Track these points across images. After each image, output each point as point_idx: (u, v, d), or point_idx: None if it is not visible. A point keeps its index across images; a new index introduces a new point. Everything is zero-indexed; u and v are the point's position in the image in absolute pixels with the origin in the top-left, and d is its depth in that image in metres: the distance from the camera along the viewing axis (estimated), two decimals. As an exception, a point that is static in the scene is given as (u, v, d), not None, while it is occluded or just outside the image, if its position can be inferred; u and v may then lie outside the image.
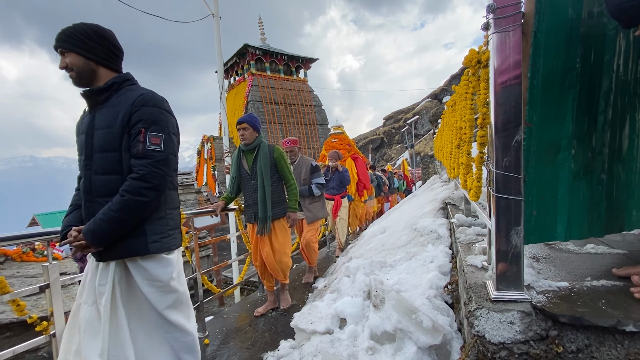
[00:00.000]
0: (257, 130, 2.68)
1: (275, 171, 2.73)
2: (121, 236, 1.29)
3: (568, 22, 1.09)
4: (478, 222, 2.14)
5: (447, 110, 3.56)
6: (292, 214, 2.80)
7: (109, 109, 1.32)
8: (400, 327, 1.44)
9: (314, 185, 3.52)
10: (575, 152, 1.18)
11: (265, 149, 2.67)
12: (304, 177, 3.55)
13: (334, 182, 4.98)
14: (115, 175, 1.30)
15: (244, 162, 2.73)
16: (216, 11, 5.25)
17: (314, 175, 3.56)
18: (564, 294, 1.08)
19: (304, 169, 3.56)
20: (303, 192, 3.46)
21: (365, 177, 6.15)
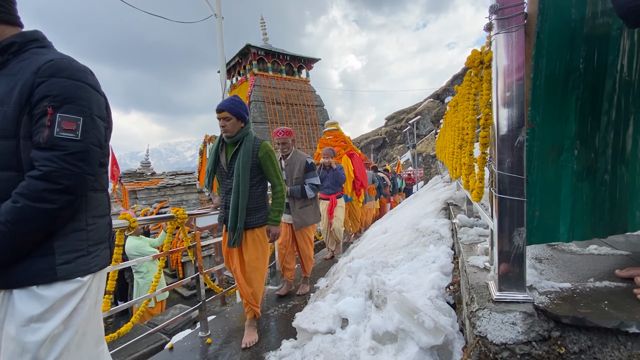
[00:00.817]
0: (242, 120, 2.16)
1: (259, 172, 2.26)
2: (16, 256, 0.93)
3: (571, 23, 1.09)
4: (480, 222, 2.14)
5: (450, 110, 3.55)
6: (272, 228, 2.29)
7: (3, 78, 0.97)
8: (402, 327, 1.45)
9: (308, 186, 3.09)
10: (578, 153, 1.18)
11: (249, 145, 2.17)
12: (296, 176, 3.12)
13: (328, 180, 4.62)
14: (11, 172, 0.95)
15: (222, 156, 2.26)
16: (219, 12, 5.26)
17: (309, 175, 3.12)
18: (567, 295, 1.08)
19: (298, 166, 3.11)
20: (294, 192, 3.09)
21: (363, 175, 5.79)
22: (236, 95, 2.22)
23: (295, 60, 18.07)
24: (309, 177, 3.12)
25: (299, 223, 3.13)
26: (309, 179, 3.12)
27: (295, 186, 3.11)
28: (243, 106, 2.18)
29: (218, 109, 2.13)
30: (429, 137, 22.79)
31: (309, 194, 3.09)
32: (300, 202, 3.14)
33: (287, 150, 3.17)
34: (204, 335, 2.50)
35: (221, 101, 2.16)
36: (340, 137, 5.95)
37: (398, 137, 28.84)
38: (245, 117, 2.18)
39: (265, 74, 16.72)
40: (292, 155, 3.18)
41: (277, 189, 2.28)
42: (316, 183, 3.11)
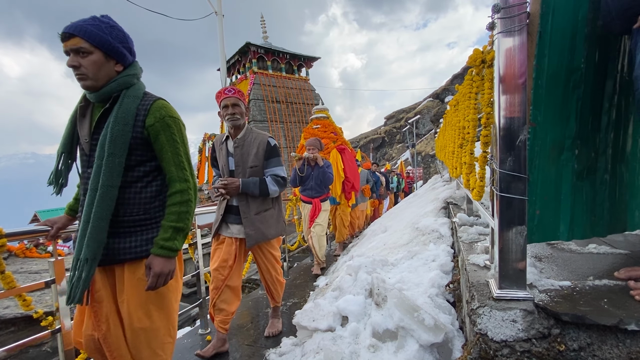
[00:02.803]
0: (114, 56, 1.20)
1: (149, 155, 1.26)
2: None
3: (573, 23, 1.09)
4: (480, 221, 2.15)
5: (450, 109, 3.56)
6: (156, 262, 1.20)
7: None
8: (402, 325, 1.45)
9: (270, 178, 2.11)
10: (578, 152, 1.19)
11: (130, 105, 1.20)
12: (252, 164, 2.10)
13: (312, 180, 3.78)
14: None
15: (81, 125, 1.24)
16: (219, 9, 5.25)
17: (272, 162, 2.14)
18: (566, 293, 1.09)
19: (255, 148, 2.10)
20: (249, 188, 2.05)
21: (354, 175, 4.89)
22: (106, 16, 1.22)
23: (295, 58, 18.04)
24: (271, 165, 2.14)
25: (255, 236, 2.07)
26: (272, 169, 2.14)
27: (250, 179, 2.07)
28: (117, 32, 1.20)
29: (63, 32, 1.14)
30: (429, 136, 22.82)
31: (271, 191, 2.09)
32: (257, 203, 2.11)
33: (237, 122, 2.06)
34: (204, 333, 2.51)
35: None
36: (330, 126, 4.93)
37: (397, 137, 28.87)
38: (123, 52, 1.22)
39: (265, 72, 16.70)
40: (245, 132, 2.13)
41: (177, 188, 1.25)
42: (282, 175, 2.15)
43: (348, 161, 4.81)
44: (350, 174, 4.75)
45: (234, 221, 2.16)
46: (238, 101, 2.08)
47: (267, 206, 2.18)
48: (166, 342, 1.32)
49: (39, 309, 1.55)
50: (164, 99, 1.29)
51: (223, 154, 2.19)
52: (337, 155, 4.72)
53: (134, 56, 1.29)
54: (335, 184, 4.48)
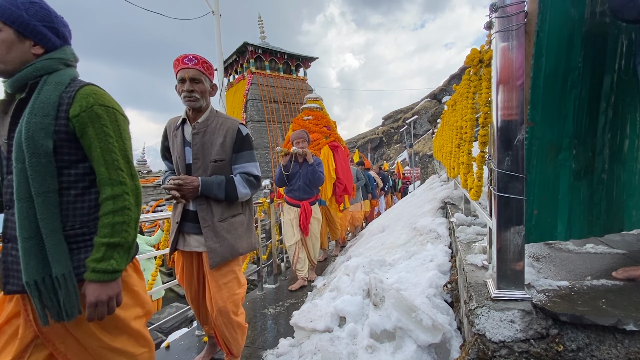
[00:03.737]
0: (27, 35, 0.99)
1: (81, 156, 1.03)
2: None
3: (570, 22, 1.09)
4: (478, 221, 2.15)
5: (447, 109, 3.56)
6: (90, 289, 0.97)
7: None
8: (400, 325, 1.45)
9: (240, 177, 1.65)
10: (576, 152, 1.19)
11: (52, 91, 0.98)
12: (216, 156, 1.63)
13: (300, 179, 3.27)
14: None
15: (4, 122, 1.02)
16: (216, 9, 5.23)
17: (242, 156, 1.68)
18: (564, 293, 1.08)
19: (221, 137, 1.64)
20: (210, 189, 1.59)
21: (347, 176, 4.33)
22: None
23: (292, 58, 18.02)
24: (241, 160, 1.68)
25: (220, 251, 1.60)
26: (243, 165, 1.68)
27: (213, 177, 1.61)
28: (38, 8, 1.01)
29: None
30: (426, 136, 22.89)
31: (241, 194, 1.64)
32: (221, 207, 1.64)
33: (197, 103, 1.60)
34: (201, 334, 2.49)
35: None
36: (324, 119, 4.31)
37: (395, 137, 28.93)
38: (43, 32, 1.01)
39: (263, 72, 16.67)
40: (208, 115, 1.66)
41: (108, 193, 1.01)
42: (255, 173, 1.70)
43: (341, 160, 4.25)
44: (342, 175, 4.20)
45: (191, 230, 1.66)
46: (200, 75, 1.58)
47: (236, 211, 1.68)
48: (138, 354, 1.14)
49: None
50: (95, 84, 1.05)
51: (178, 142, 1.66)
52: (328, 153, 4.10)
53: (64, 40, 1.08)
54: (325, 185, 3.95)
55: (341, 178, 4.20)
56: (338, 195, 4.22)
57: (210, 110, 1.69)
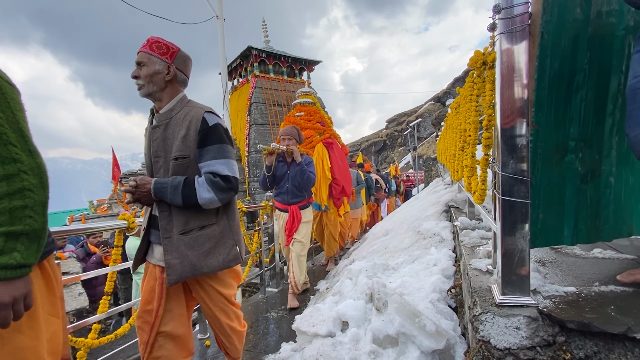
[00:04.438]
0: None
1: None
2: None
3: (576, 23, 1.08)
4: (482, 225, 2.12)
5: (451, 112, 3.54)
6: None
7: None
8: (403, 330, 1.42)
9: (204, 179, 1.36)
10: (582, 155, 1.16)
11: None
12: (177, 153, 1.37)
13: (289, 181, 2.94)
14: None
15: None
16: (220, 13, 5.27)
17: (208, 152, 1.38)
18: (572, 299, 1.06)
19: (184, 128, 1.37)
20: (165, 194, 1.34)
21: (344, 176, 3.83)
22: None
23: (296, 62, 18.10)
24: (207, 157, 1.37)
25: (179, 268, 1.35)
26: (209, 163, 1.37)
27: (169, 179, 1.35)
28: None
29: None
30: (430, 139, 22.81)
31: (203, 200, 1.33)
32: (184, 218, 1.38)
33: (143, 90, 1.40)
34: (203, 338, 2.48)
35: None
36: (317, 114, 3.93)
37: (399, 140, 28.87)
38: None
39: (267, 75, 16.76)
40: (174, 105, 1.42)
41: (0, 173, 0.84)
42: (223, 173, 1.36)
43: (337, 159, 3.75)
44: (339, 175, 3.70)
45: (156, 240, 1.44)
46: (146, 57, 1.37)
47: (206, 221, 1.39)
48: None
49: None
50: None
51: (146, 137, 1.48)
52: (323, 151, 3.65)
53: None
54: (320, 187, 3.57)
55: (338, 179, 3.71)
56: (335, 197, 3.75)
57: (177, 99, 1.44)
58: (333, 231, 3.98)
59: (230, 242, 1.47)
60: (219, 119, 1.43)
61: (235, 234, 1.51)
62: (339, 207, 3.84)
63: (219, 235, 1.43)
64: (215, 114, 1.43)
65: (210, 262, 1.40)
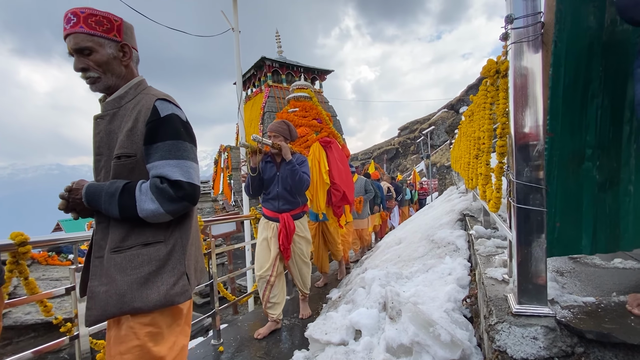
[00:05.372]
0: None
1: None
2: None
3: (589, 31, 1.08)
4: (498, 234, 2.09)
5: (465, 120, 3.52)
6: None
7: None
8: (417, 340, 1.41)
9: (147, 186, 1.04)
10: (600, 163, 1.15)
11: None
12: (120, 151, 1.06)
13: (279, 184, 2.44)
14: None
15: None
16: (236, 26, 5.42)
17: (156, 150, 1.05)
18: (591, 309, 1.04)
19: (131, 121, 1.07)
20: (100, 203, 1.03)
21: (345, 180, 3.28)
22: None
23: (309, 72, 18.34)
24: (155, 156, 1.07)
25: (102, 299, 1.01)
26: (155, 163, 1.07)
27: (106, 184, 1.06)
28: None
29: None
30: (444, 147, 22.57)
31: (144, 212, 1.02)
32: (122, 231, 1.07)
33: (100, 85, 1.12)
34: (217, 344, 2.50)
35: None
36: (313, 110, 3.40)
37: (412, 148, 28.67)
38: None
39: (280, 85, 17.03)
40: (125, 91, 1.14)
41: None
42: (174, 178, 1.04)
43: (336, 160, 3.20)
44: (339, 179, 3.14)
45: None
46: (88, 40, 1.05)
47: (151, 237, 1.06)
48: None
49: (58, 315, 1.59)
50: None
51: None
52: (319, 151, 3.09)
53: None
54: (317, 193, 3.05)
55: (337, 183, 3.15)
56: (335, 206, 3.26)
57: (131, 84, 1.14)
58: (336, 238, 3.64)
59: (180, 268, 1.08)
60: (177, 109, 1.12)
61: (189, 259, 1.12)
62: (339, 217, 3.35)
63: (164, 258, 1.06)
64: (172, 102, 1.11)
65: (147, 294, 1.01)
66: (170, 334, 1.09)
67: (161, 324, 1.07)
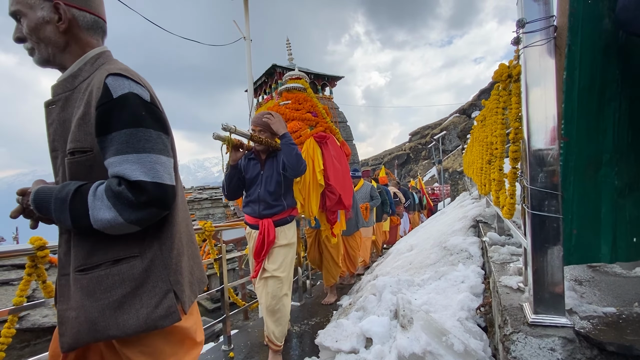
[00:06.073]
0: None
1: None
2: None
3: (604, 34, 1.06)
4: (512, 241, 2.05)
5: (477, 125, 3.48)
6: None
7: None
8: (430, 349, 1.38)
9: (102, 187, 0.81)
10: (618, 168, 1.11)
11: None
12: (72, 145, 0.86)
13: (261, 185, 2.06)
14: None
15: None
16: (248, 35, 5.53)
17: (110, 142, 0.82)
18: (611, 320, 1.00)
19: (82, 106, 0.85)
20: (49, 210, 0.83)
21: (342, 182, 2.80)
22: None
23: (319, 78, 18.49)
24: (110, 151, 0.82)
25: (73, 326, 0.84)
26: (111, 160, 0.82)
27: (56, 188, 0.84)
28: None
29: None
30: (456, 152, 22.29)
31: (97, 221, 0.80)
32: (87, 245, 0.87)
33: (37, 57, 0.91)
34: (227, 349, 2.51)
35: None
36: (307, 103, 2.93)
37: (423, 153, 28.42)
38: None
39: (290, 92, 17.20)
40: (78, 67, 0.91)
41: None
42: (135, 178, 0.80)
43: (332, 158, 2.73)
44: (334, 180, 2.67)
45: None
46: (18, 4, 0.88)
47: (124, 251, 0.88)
48: None
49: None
50: None
51: None
52: (314, 148, 2.65)
53: None
54: (309, 195, 2.56)
55: (333, 185, 2.67)
56: (329, 210, 2.77)
57: (85, 59, 0.92)
58: (334, 253, 3.19)
59: (162, 286, 0.89)
60: (136, 85, 0.86)
61: (177, 273, 0.93)
62: (333, 224, 2.87)
63: (140, 276, 0.87)
64: (129, 76, 0.86)
65: (124, 319, 0.84)
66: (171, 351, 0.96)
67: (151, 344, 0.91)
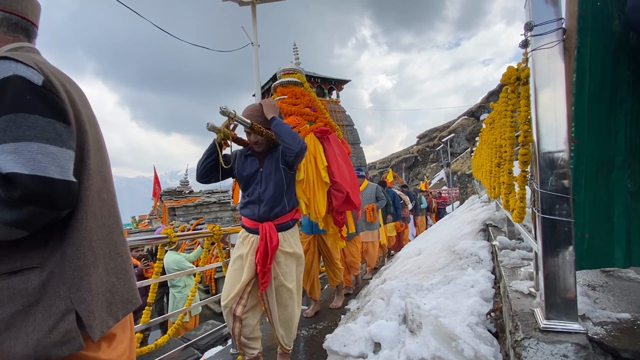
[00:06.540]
0: None
1: None
2: None
3: (614, 35, 1.04)
4: (523, 245, 2.02)
5: (486, 128, 3.45)
6: None
7: None
8: (439, 355, 1.37)
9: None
10: (631, 171, 1.09)
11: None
12: None
13: (261, 183, 1.86)
14: None
15: None
16: (255, 40, 5.60)
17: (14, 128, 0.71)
18: (626, 326, 0.98)
19: None
20: None
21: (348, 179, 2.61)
22: None
23: (326, 82, 18.56)
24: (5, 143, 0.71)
25: None
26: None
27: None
28: None
29: None
30: (464, 155, 22.08)
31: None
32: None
33: None
34: (235, 353, 2.52)
35: None
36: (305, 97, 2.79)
37: (431, 156, 28.23)
38: None
39: (297, 96, 17.29)
40: None
41: None
42: (8, 170, 0.70)
43: (335, 155, 2.55)
44: (339, 176, 2.49)
45: None
46: None
47: (15, 262, 0.74)
48: None
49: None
50: None
51: None
52: (315, 144, 2.48)
53: None
54: (315, 194, 2.34)
55: (339, 182, 2.47)
56: (336, 211, 2.56)
57: None
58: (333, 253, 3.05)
59: (60, 305, 0.75)
60: (26, 68, 0.76)
61: (84, 289, 0.79)
62: (341, 226, 2.67)
63: (35, 291, 0.74)
64: (17, 59, 0.75)
65: (10, 344, 0.70)
66: None
67: None
